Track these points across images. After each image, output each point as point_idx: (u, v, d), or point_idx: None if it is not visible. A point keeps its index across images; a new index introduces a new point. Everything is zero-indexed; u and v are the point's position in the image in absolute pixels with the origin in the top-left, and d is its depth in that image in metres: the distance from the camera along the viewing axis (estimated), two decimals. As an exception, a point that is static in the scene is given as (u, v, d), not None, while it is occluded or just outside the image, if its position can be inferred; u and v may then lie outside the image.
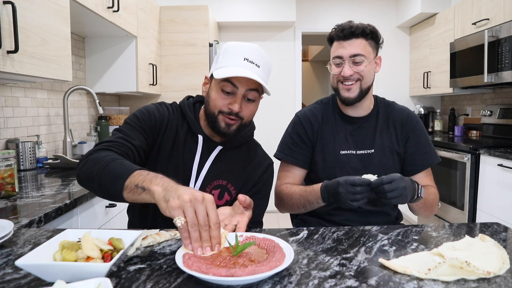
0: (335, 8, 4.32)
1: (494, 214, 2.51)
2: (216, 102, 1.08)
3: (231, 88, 1.05)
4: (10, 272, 0.69)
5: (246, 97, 1.08)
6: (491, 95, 3.48)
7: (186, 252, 0.72)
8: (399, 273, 0.68)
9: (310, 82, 7.93)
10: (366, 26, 1.27)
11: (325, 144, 1.34)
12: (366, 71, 1.27)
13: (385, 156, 1.32)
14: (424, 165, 1.35)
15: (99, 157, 0.92)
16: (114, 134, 1.04)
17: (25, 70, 1.44)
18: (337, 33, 1.28)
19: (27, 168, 1.90)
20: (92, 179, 0.90)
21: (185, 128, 1.16)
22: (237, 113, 1.07)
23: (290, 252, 0.72)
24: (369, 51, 1.27)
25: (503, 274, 0.67)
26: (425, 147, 1.35)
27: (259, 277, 0.63)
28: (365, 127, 1.35)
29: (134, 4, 2.63)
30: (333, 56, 1.30)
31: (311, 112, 1.39)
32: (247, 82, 1.05)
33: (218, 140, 1.17)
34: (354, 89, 1.27)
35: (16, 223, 1.01)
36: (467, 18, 3.17)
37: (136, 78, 2.74)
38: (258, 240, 0.79)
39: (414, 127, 1.36)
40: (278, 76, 4.35)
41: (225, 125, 1.08)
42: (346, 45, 1.26)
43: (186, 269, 0.65)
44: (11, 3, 1.32)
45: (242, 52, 1.05)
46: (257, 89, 1.08)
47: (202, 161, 1.15)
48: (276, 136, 1.66)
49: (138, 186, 0.81)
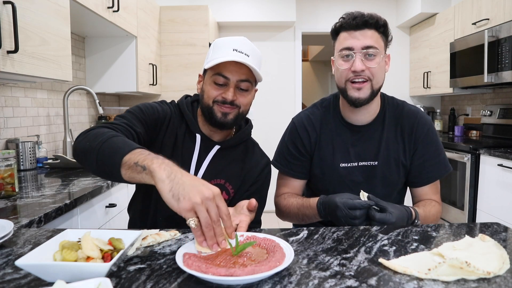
0: (335, 8, 4.32)
1: (494, 214, 2.51)
2: (209, 94, 1.10)
3: (223, 80, 1.08)
4: (10, 272, 0.69)
5: (239, 88, 1.10)
6: (491, 95, 3.48)
7: (186, 251, 0.72)
8: (399, 273, 0.68)
9: (310, 82, 7.93)
10: (379, 17, 1.14)
11: (323, 157, 1.24)
12: (378, 69, 1.13)
13: (389, 169, 1.21)
14: (430, 178, 1.23)
15: (100, 132, 0.90)
16: (117, 119, 1.04)
17: (25, 70, 1.44)
18: (348, 21, 1.12)
19: (27, 168, 1.90)
20: (90, 153, 0.87)
21: (183, 127, 1.17)
22: (232, 101, 1.08)
23: (290, 252, 0.72)
24: (381, 45, 1.13)
25: (503, 274, 0.67)
26: (434, 157, 1.22)
27: (258, 277, 0.63)
28: (369, 136, 1.22)
29: (134, 4, 2.63)
30: (341, 48, 1.13)
31: (308, 119, 1.27)
32: (238, 72, 1.07)
33: (217, 139, 1.18)
34: (366, 89, 1.12)
35: (16, 223, 1.01)
36: (467, 18, 3.17)
37: (136, 78, 2.75)
38: (258, 240, 0.79)
39: (424, 136, 1.22)
40: (278, 76, 4.35)
41: (221, 114, 1.10)
42: (359, 35, 1.10)
43: (186, 268, 0.65)
44: (11, 3, 1.32)
45: (231, 44, 1.07)
46: (249, 79, 1.09)
47: (200, 160, 1.15)
48: (275, 136, 1.66)
49: (138, 164, 0.78)
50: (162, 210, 1.14)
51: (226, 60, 1.03)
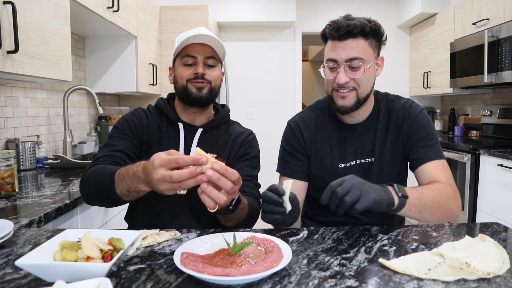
0: (335, 8, 4.32)
1: (494, 214, 2.50)
2: (182, 75, 1.20)
3: (191, 60, 1.20)
4: (10, 272, 0.69)
5: (207, 64, 1.21)
6: (491, 95, 3.48)
7: (184, 251, 0.72)
8: (399, 273, 0.68)
9: (310, 82, 7.93)
10: (365, 23, 1.09)
11: (321, 158, 1.23)
12: (364, 78, 1.11)
13: (385, 163, 1.20)
14: (428, 156, 1.14)
15: (89, 177, 1.02)
16: (102, 150, 1.15)
17: (25, 70, 1.44)
18: (331, 32, 1.11)
19: (27, 168, 1.90)
20: (95, 200, 1.05)
21: (165, 122, 1.24)
22: (203, 75, 1.19)
23: (288, 253, 0.72)
24: (368, 53, 1.11)
25: (503, 274, 0.67)
26: (428, 140, 1.16)
27: (254, 277, 0.63)
28: (365, 134, 1.22)
29: (134, 4, 2.63)
30: (327, 59, 1.14)
31: (302, 120, 1.27)
32: (203, 51, 1.19)
33: (198, 123, 1.25)
34: (350, 98, 1.13)
35: (16, 223, 1.01)
36: (467, 18, 3.17)
37: (136, 78, 2.74)
38: (257, 240, 0.79)
39: (414, 120, 1.19)
40: (278, 76, 4.36)
41: (196, 89, 1.19)
42: (342, 46, 1.09)
43: (183, 267, 0.65)
44: (11, 3, 1.32)
45: (191, 32, 1.18)
46: (214, 56, 1.21)
47: (188, 145, 1.22)
48: (275, 136, 1.66)
49: (130, 191, 0.89)
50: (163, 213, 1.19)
51: (191, 35, 1.15)
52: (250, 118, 4.31)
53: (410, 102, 1.24)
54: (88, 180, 1.02)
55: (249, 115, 4.33)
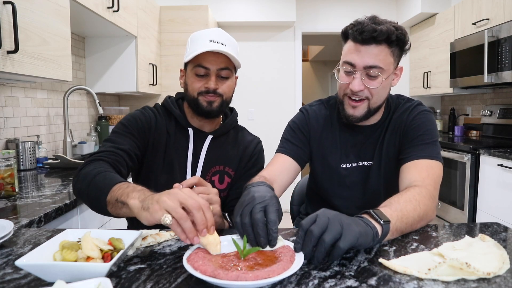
0: (335, 8, 4.32)
1: (494, 214, 2.51)
2: (193, 86, 1.15)
3: (203, 71, 1.13)
4: (10, 272, 0.69)
5: (220, 76, 1.15)
6: (491, 95, 3.48)
7: (192, 252, 0.72)
8: (399, 273, 0.68)
9: (310, 82, 7.93)
10: (392, 30, 1.01)
11: (325, 155, 1.21)
12: (380, 88, 1.05)
13: (383, 168, 1.17)
14: (414, 155, 1.06)
15: (86, 173, 0.95)
16: (104, 145, 1.09)
17: (25, 70, 1.44)
18: (354, 33, 1.03)
19: (27, 168, 1.90)
20: (82, 196, 0.96)
21: (173, 124, 1.21)
22: (214, 90, 1.14)
23: (299, 262, 0.67)
24: (389, 62, 1.04)
25: (503, 274, 0.67)
26: (420, 139, 1.10)
27: (264, 283, 0.62)
28: (370, 137, 1.19)
29: (134, 4, 2.63)
30: (344, 61, 1.06)
31: (314, 113, 1.24)
32: (216, 62, 1.12)
33: (207, 129, 1.23)
34: (361, 108, 1.08)
35: (16, 223, 1.01)
36: (467, 18, 3.17)
37: (136, 78, 2.75)
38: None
39: (411, 120, 1.14)
40: (278, 76, 4.35)
41: (207, 103, 1.15)
42: (363, 51, 1.02)
43: (190, 268, 0.65)
44: (11, 3, 1.32)
45: (207, 36, 1.11)
46: (228, 67, 1.14)
47: (197, 152, 1.20)
48: (275, 136, 1.66)
49: (118, 201, 0.83)
50: None
51: (204, 51, 1.08)
52: (250, 118, 4.31)
53: (416, 104, 1.19)
54: (84, 177, 0.95)
55: (249, 115, 4.32)
